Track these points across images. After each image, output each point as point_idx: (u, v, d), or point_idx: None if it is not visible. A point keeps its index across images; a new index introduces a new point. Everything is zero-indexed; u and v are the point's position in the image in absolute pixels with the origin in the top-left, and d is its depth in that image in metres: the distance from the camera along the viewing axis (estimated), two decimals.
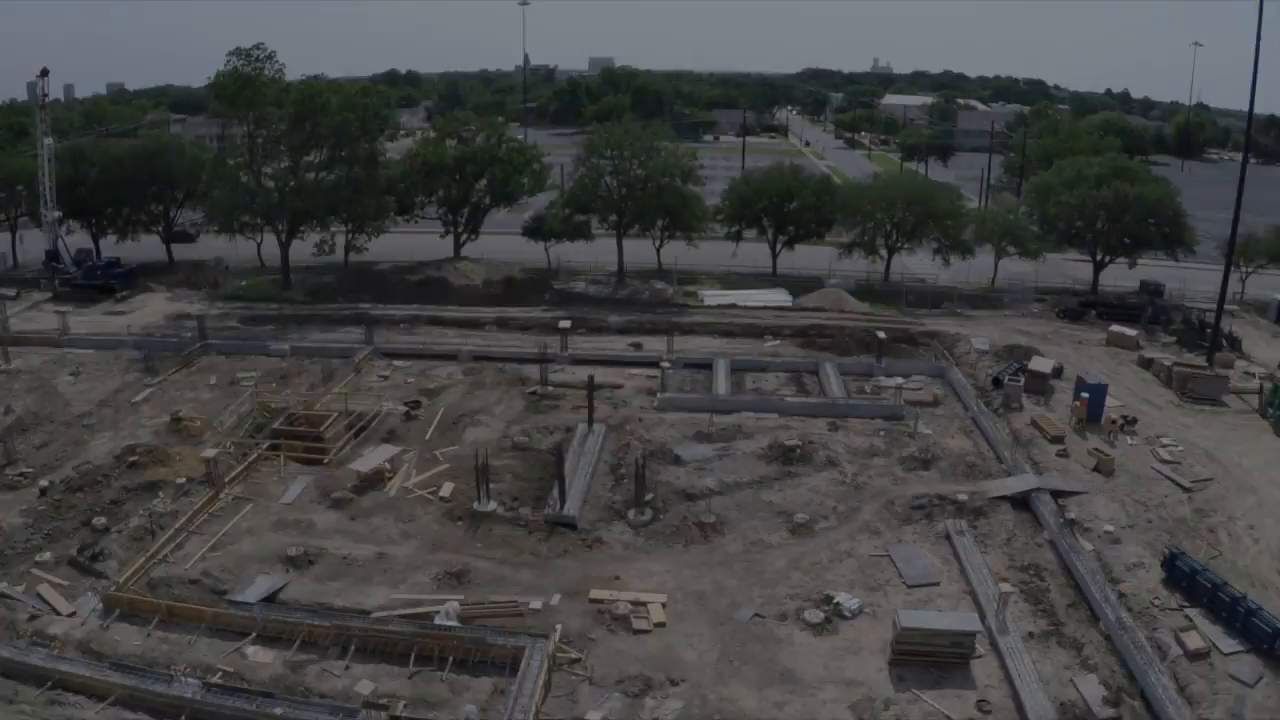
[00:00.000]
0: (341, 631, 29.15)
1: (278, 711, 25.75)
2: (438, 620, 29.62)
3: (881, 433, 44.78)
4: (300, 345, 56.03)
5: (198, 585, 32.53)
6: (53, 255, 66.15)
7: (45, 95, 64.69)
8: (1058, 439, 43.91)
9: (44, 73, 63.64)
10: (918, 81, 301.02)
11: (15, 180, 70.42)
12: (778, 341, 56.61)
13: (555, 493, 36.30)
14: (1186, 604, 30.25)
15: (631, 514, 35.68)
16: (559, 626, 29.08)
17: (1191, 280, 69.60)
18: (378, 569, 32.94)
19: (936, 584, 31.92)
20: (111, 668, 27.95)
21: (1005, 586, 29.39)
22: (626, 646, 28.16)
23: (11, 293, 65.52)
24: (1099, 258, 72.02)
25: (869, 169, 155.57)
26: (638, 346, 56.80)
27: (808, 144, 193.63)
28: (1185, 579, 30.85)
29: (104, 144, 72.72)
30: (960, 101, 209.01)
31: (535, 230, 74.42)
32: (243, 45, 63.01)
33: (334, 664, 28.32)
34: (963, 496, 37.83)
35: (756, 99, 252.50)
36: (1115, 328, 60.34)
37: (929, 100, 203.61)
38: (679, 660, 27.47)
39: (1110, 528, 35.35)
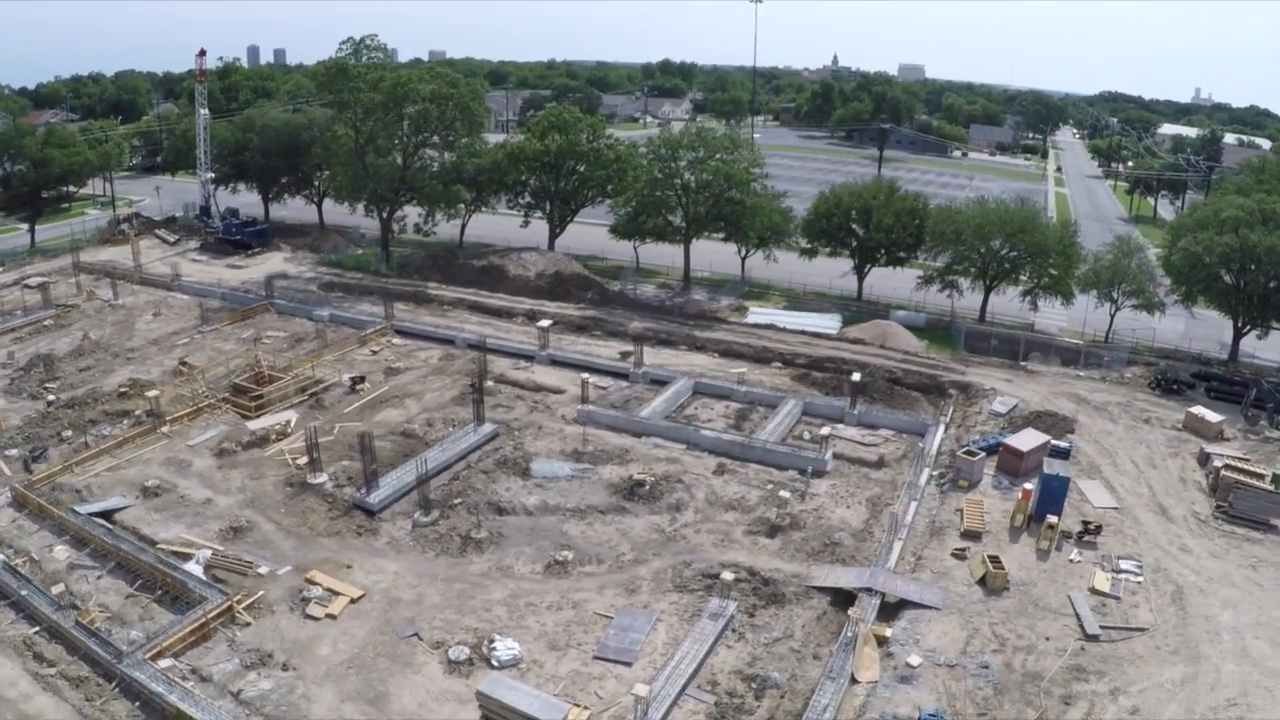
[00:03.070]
0: (114, 550, 34.23)
1: (24, 593, 31.84)
2: (190, 564, 33.56)
3: (770, 485, 41.82)
4: (338, 314, 62.77)
5: (78, 494, 39.14)
6: (204, 211, 79.24)
7: (203, 72, 76.93)
8: (971, 534, 37.41)
9: (202, 53, 76.05)
10: (1214, 114, 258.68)
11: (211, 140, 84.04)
12: (745, 369, 54.01)
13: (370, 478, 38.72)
14: None
15: (417, 514, 37.17)
16: (261, 593, 31.84)
17: None
18: (193, 511, 37.77)
19: (628, 664, 28.95)
20: None
21: (641, 688, 25.98)
22: (285, 625, 30.33)
23: (172, 238, 79.40)
24: (1237, 320, 59.95)
25: (1105, 200, 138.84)
26: (625, 355, 56.95)
27: (1059, 169, 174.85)
28: None
29: (266, 114, 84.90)
30: (1242, 139, 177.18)
31: (616, 228, 76.32)
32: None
33: (94, 571, 33.48)
34: (777, 577, 34.07)
35: (1031, 118, 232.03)
36: (1196, 410, 49.63)
37: (1195, 133, 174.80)
38: (309, 652, 29.16)
39: (917, 661, 29.32)
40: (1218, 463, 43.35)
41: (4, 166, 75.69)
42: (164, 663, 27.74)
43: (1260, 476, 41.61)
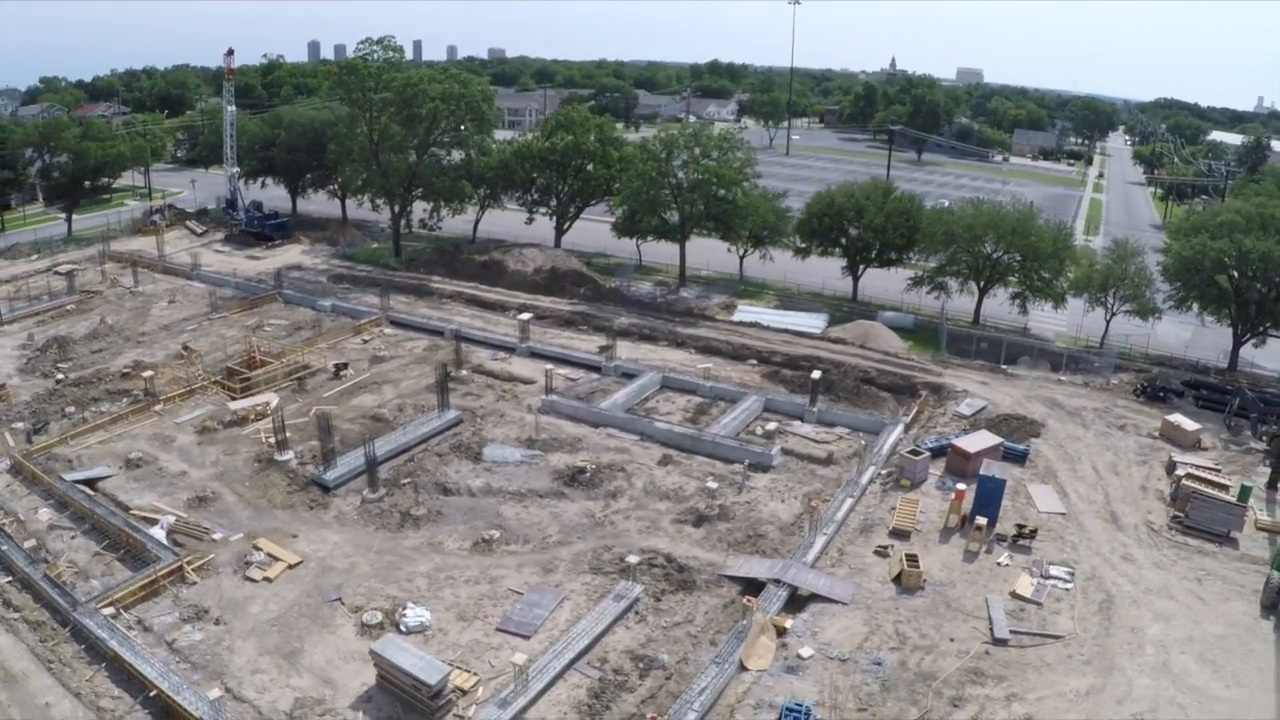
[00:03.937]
0: (89, 514, 37.56)
1: (3, 548, 35.28)
2: (155, 528, 36.72)
3: (710, 477, 43.36)
4: (340, 304, 66.04)
5: (69, 464, 42.68)
6: (230, 204, 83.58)
7: (231, 70, 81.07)
8: (899, 533, 38.20)
9: (229, 52, 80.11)
10: (1270, 123, 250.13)
11: (241, 136, 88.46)
12: (711, 364, 55.67)
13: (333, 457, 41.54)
14: None
15: (366, 491, 39.86)
16: (211, 556, 34.82)
17: None
18: (167, 481, 40.99)
19: (527, 638, 30.76)
20: None
21: (519, 658, 27.71)
22: (226, 586, 33.23)
23: (200, 230, 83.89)
24: (1236, 328, 59.51)
25: (1142, 207, 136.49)
26: (604, 349, 59.02)
27: (1100, 175, 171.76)
28: None
29: (292, 111, 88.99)
30: None
31: (617, 226, 78.51)
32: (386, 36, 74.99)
33: (70, 532, 36.93)
34: (692, 564, 35.40)
35: (1080, 123, 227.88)
36: (1173, 418, 49.15)
37: (1241, 140, 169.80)
38: (242, 609, 31.97)
39: (808, 652, 29.98)
40: (1180, 472, 42.72)
41: (44, 158, 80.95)
42: (106, 610, 30.81)
43: (1224, 487, 40.83)
